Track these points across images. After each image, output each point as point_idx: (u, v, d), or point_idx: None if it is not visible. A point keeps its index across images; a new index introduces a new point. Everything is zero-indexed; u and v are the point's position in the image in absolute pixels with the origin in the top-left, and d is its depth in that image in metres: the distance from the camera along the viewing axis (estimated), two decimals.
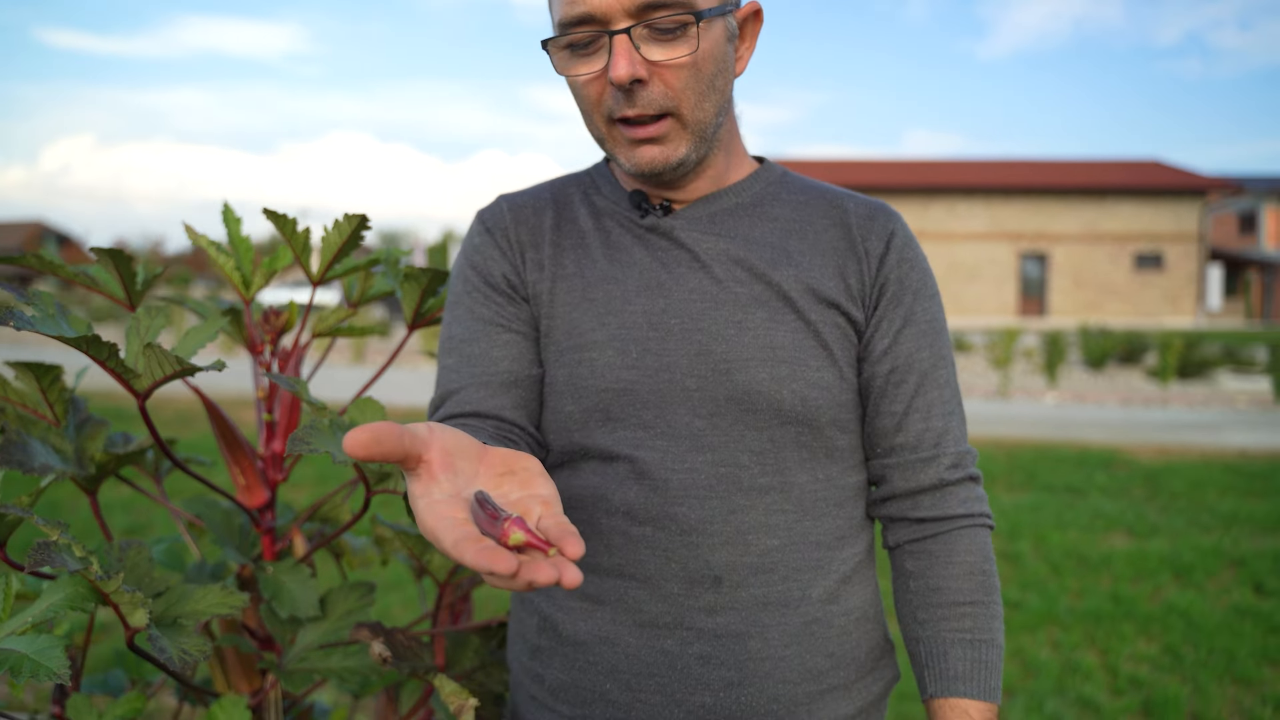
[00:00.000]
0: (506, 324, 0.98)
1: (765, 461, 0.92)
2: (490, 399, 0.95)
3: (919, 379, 0.97)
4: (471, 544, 0.53)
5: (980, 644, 0.93)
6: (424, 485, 0.60)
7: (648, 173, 0.92)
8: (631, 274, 0.96)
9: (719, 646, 0.91)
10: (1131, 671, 3.29)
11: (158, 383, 0.90)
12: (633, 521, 0.92)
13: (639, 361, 0.93)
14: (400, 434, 0.58)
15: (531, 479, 0.65)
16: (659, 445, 0.92)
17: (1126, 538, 5.02)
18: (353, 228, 1.05)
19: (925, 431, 0.96)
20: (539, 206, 1.03)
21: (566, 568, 0.53)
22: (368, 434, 0.56)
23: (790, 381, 0.92)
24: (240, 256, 1.17)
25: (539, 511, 0.61)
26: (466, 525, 0.56)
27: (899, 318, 0.97)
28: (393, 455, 0.58)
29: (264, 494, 1.17)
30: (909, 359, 0.97)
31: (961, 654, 0.92)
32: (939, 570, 0.95)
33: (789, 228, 0.98)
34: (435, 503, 0.59)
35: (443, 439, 0.62)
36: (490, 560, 0.51)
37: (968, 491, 0.97)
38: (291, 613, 1.11)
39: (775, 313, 0.93)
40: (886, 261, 0.97)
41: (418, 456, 0.60)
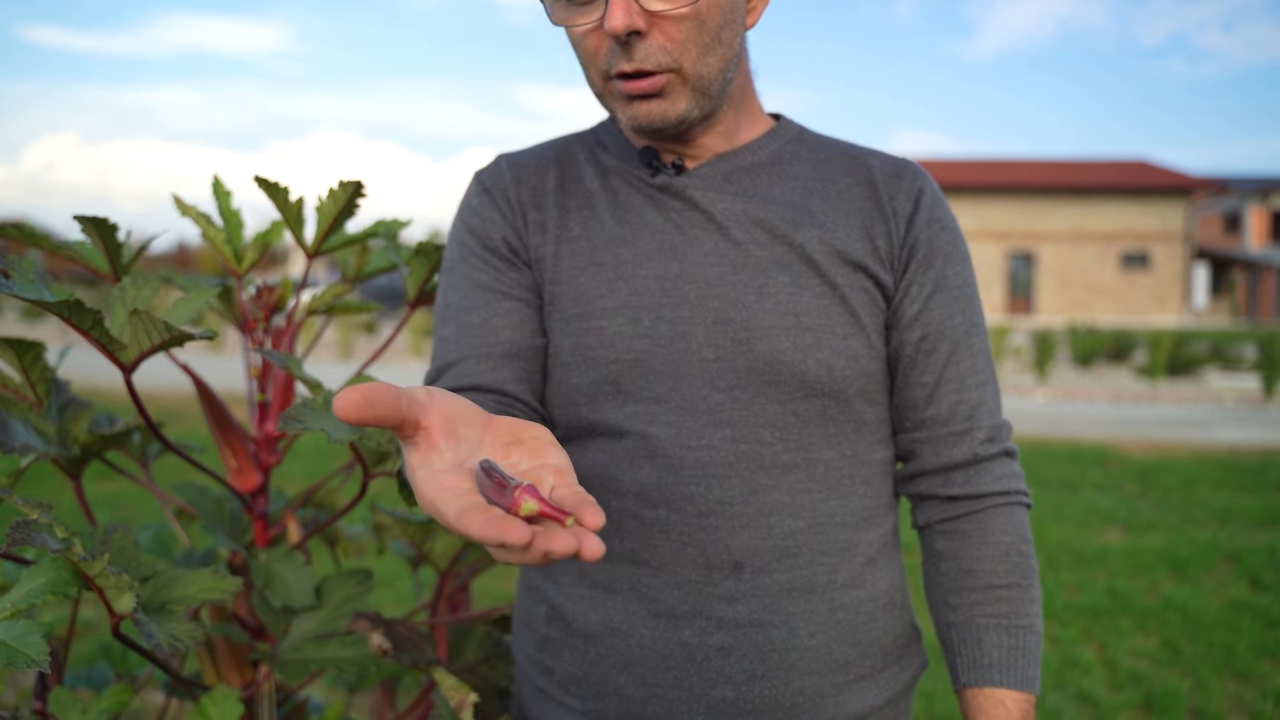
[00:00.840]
0: (507, 291, 0.91)
1: (789, 437, 0.87)
2: (491, 371, 0.89)
3: (951, 347, 0.91)
4: (478, 514, 0.48)
5: (1017, 629, 0.88)
6: (423, 454, 0.55)
7: (646, 129, 0.85)
8: (643, 236, 0.90)
9: (740, 637, 0.85)
10: (1131, 666, 3.26)
11: (145, 354, 0.85)
12: (645, 504, 0.86)
13: (651, 330, 0.87)
14: (396, 396, 0.52)
15: (542, 448, 0.59)
16: (673, 421, 0.86)
17: (1121, 533, 5.00)
18: (348, 195, 1.00)
19: (958, 404, 0.91)
20: (541, 165, 0.96)
21: (587, 537, 0.48)
22: (360, 395, 0.50)
23: (816, 350, 0.86)
24: (231, 230, 1.12)
25: (552, 481, 0.56)
26: (472, 495, 0.51)
27: (929, 282, 0.91)
28: (387, 419, 0.52)
29: (256, 478, 1.12)
30: (940, 326, 0.91)
31: (997, 640, 0.87)
32: (972, 551, 0.90)
33: (810, 186, 0.92)
34: (436, 473, 0.53)
35: (444, 404, 0.57)
36: (500, 530, 0.46)
37: (1003, 467, 0.91)
38: (285, 601, 1.06)
39: (798, 276, 0.87)
40: (916, 221, 0.91)
41: (415, 422, 0.54)
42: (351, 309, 1.19)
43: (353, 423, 0.51)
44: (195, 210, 1.11)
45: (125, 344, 0.85)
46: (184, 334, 0.81)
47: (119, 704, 1.03)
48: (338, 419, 0.51)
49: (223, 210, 1.13)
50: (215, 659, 1.14)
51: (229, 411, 1.11)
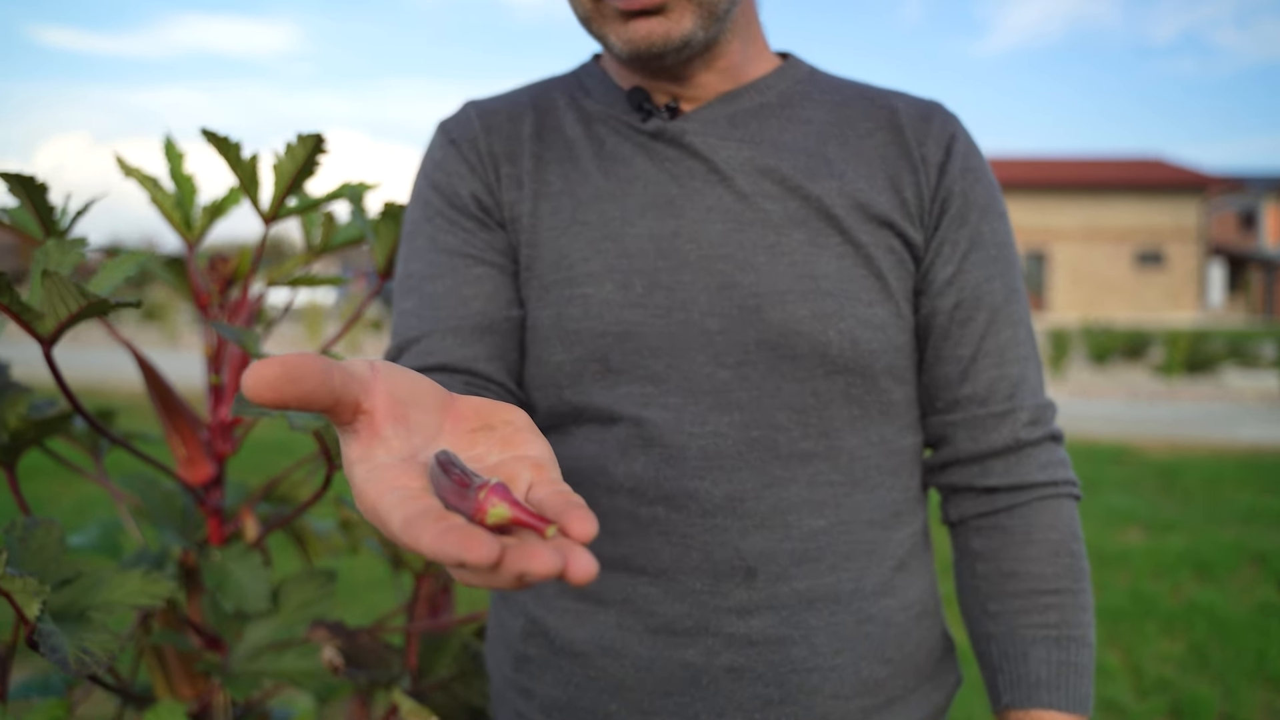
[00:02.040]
0: (477, 255, 0.79)
1: (808, 421, 0.75)
2: (459, 348, 0.76)
3: (990, 315, 0.79)
4: (430, 522, 0.37)
5: (1067, 642, 0.76)
6: (364, 445, 0.43)
7: (644, 53, 0.73)
8: (633, 190, 0.77)
9: (754, 656, 0.74)
10: (1157, 672, 3.13)
11: (64, 324, 0.74)
12: (640, 501, 0.75)
13: (645, 298, 0.75)
14: (326, 370, 0.40)
15: (516, 436, 0.47)
16: (672, 403, 0.75)
17: (1143, 533, 4.87)
18: (307, 151, 0.89)
19: (998, 380, 0.78)
20: (515, 113, 0.83)
21: (574, 553, 0.37)
22: (277, 368, 0.39)
23: (837, 319, 0.74)
24: (183, 194, 1.01)
25: (528, 478, 0.44)
26: (423, 497, 0.40)
27: (964, 240, 0.78)
28: (315, 399, 0.40)
29: (209, 469, 1.01)
30: (977, 291, 0.78)
31: (1044, 654, 0.76)
32: (1015, 551, 0.78)
33: (825, 131, 0.79)
34: (379, 468, 0.42)
35: (391, 381, 0.45)
36: (459, 544, 0.35)
37: (1049, 454, 0.79)
38: (238, 606, 0.95)
39: (816, 234, 0.75)
40: (948, 171, 0.78)
41: (353, 404, 0.43)
42: (316, 281, 1.08)
43: (268, 404, 0.39)
44: (140, 172, 1.00)
45: (42, 313, 0.74)
46: (101, 300, 0.70)
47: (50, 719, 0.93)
48: (249, 399, 0.39)
49: (174, 174, 1.02)
50: (166, 669, 1.04)
51: (177, 395, 1.00)
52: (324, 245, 1.08)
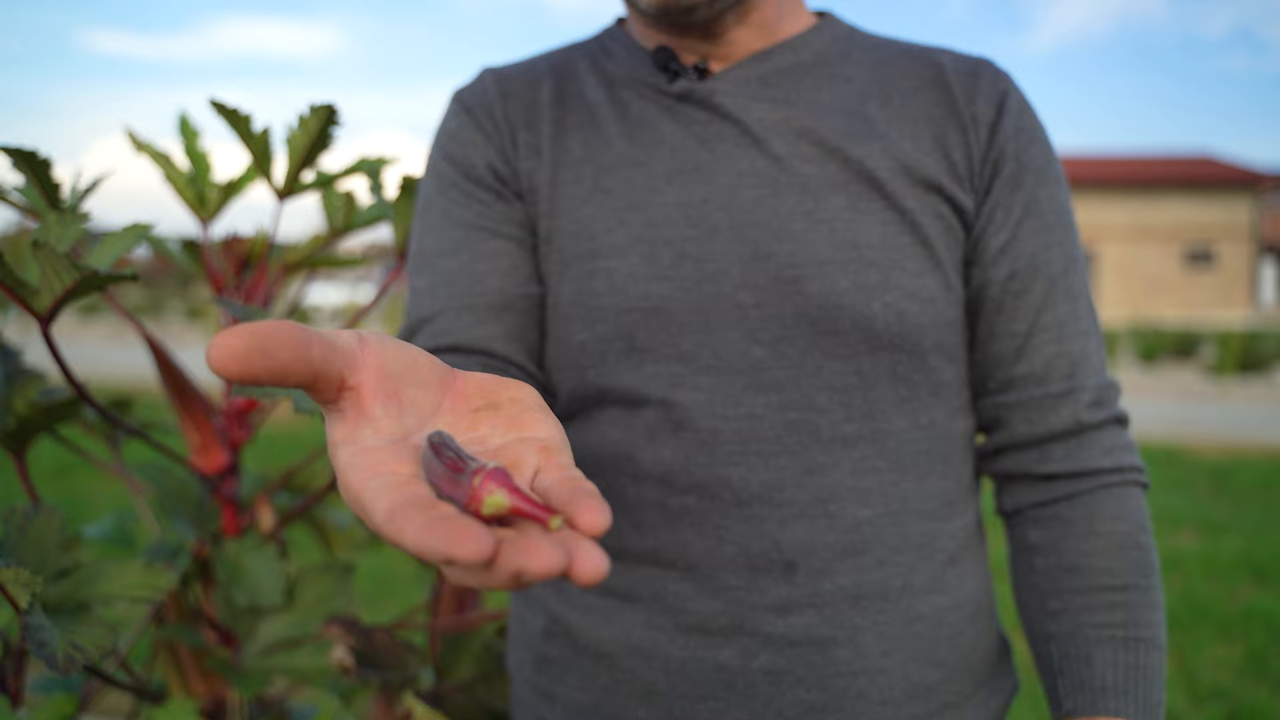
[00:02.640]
0: (493, 228, 0.74)
1: (851, 402, 0.69)
2: (475, 328, 0.72)
3: (1047, 287, 0.72)
4: (416, 513, 0.32)
5: (1136, 643, 0.69)
6: (350, 426, 0.38)
7: (673, 7, 0.68)
8: (659, 155, 0.72)
9: (795, 658, 0.68)
10: (1213, 680, 3.02)
11: (59, 299, 0.70)
12: (670, 490, 0.69)
13: (673, 269, 0.70)
14: (304, 341, 0.36)
15: (524, 416, 0.42)
16: (703, 384, 0.69)
17: (1195, 536, 4.72)
18: (320, 123, 0.85)
19: (1056, 357, 0.72)
20: (533, 78, 0.78)
21: (581, 549, 0.32)
22: (245, 338, 0.34)
23: (883, 291, 0.68)
24: (197, 170, 0.97)
25: (535, 463, 0.39)
26: (412, 485, 0.35)
27: (1019, 205, 0.72)
28: (291, 374, 0.35)
29: (223, 457, 0.97)
30: (1033, 260, 0.72)
31: (1110, 657, 0.69)
32: (1077, 543, 0.71)
33: (867, 91, 0.74)
34: (365, 452, 0.37)
35: (382, 355, 0.40)
36: (447, 538, 0.30)
37: (1113, 437, 0.73)
38: (251, 599, 0.91)
39: (857, 199, 0.70)
40: (1001, 130, 0.72)
41: (338, 379, 0.38)
42: (335, 263, 1.04)
43: (235, 379, 0.34)
44: (152, 148, 0.96)
45: (37, 289, 0.70)
46: (94, 274, 0.66)
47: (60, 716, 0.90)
48: (214, 374, 0.34)
49: (189, 151, 0.99)
50: (180, 665, 1.00)
51: (190, 379, 0.96)
52: (345, 225, 1.04)
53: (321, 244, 1.01)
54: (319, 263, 1.02)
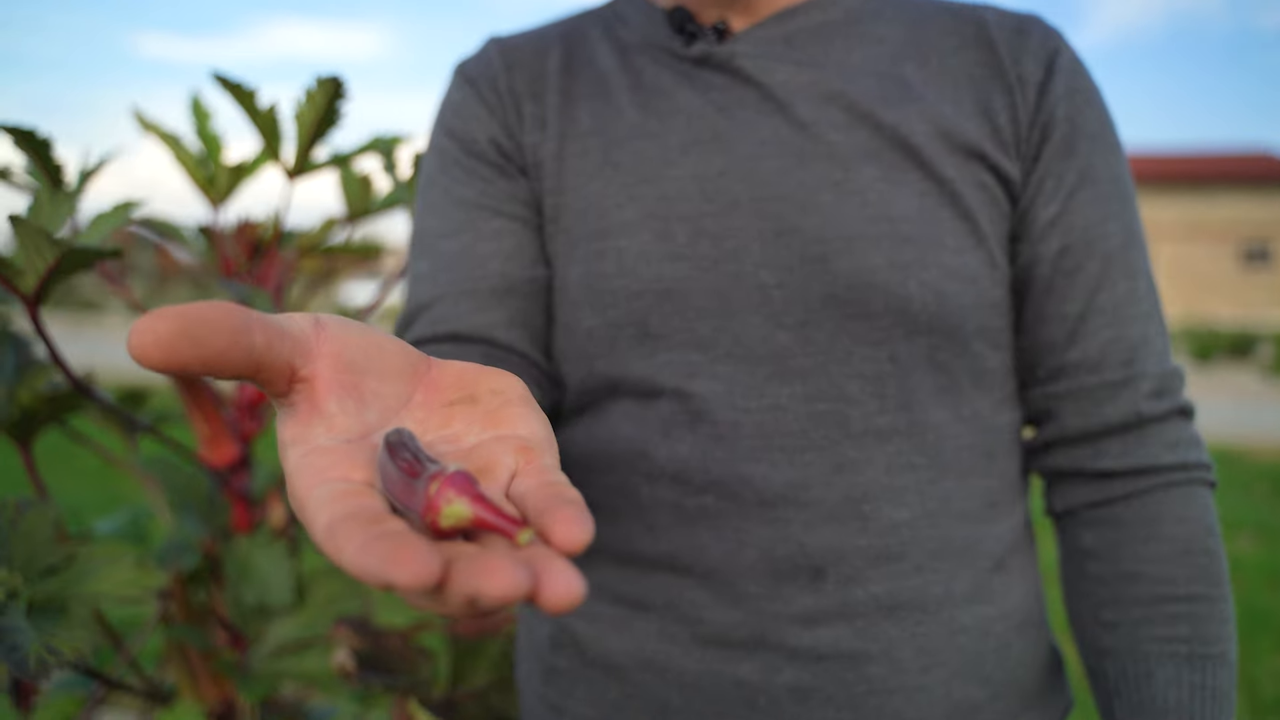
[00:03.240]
0: (496, 207, 0.68)
1: (885, 392, 0.63)
2: (475, 314, 0.66)
3: (1103, 265, 0.65)
4: (357, 528, 0.28)
5: (1202, 660, 0.62)
6: (301, 423, 0.34)
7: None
8: (674, 125, 0.66)
9: (822, 673, 0.62)
10: (1274, 691, 2.91)
11: (45, 278, 0.66)
12: (686, 489, 0.64)
13: (689, 248, 0.64)
14: (243, 324, 0.31)
15: (503, 410, 0.37)
16: (722, 373, 0.63)
17: (1254, 541, 4.57)
18: (327, 97, 0.80)
19: (1113, 342, 0.65)
20: (541, 47, 0.72)
21: (551, 569, 0.28)
22: (171, 321, 0.30)
23: (919, 269, 0.62)
24: (210, 153, 0.93)
25: (512, 465, 0.34)
26: (360, 495, 0.30)
27: (1072, 173, 0.65)
28: (226, 363, 0.31)
29: (233, 449, 0.93)
30: (1088, 234, 0.65)
31: (1173, 675, 0.62)
32: (1136, 548, 0.64)
33: (902, 51, 0.67)
34: (315, 453, 0.33)
35: (341, 342, 0.35)
36: (386, 559, 0.26)
37: (1177, 431, 0.66)
38: (260, 598, 0.87)
39: (891, 169, 0.63)
40: (1050, 91, 0.65)
41: (287, 370, 0.33)
42: (350, 250, 1.00)
43: (159, 368, 0.30)
44: (160, 129, 0.92)
45: (21, 269, 0.66)
46: (77, 249, 0.62)
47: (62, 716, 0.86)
48: (136, 360, 0.30)
49: (201, 132, 0.95)
50: (191, 666, 0.96)
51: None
52: (361, 209, 0.99)
53: (335, 227, 0.96)
54: (334, 249, 0.97)
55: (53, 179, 0.85)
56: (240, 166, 0.92)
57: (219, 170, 0.92)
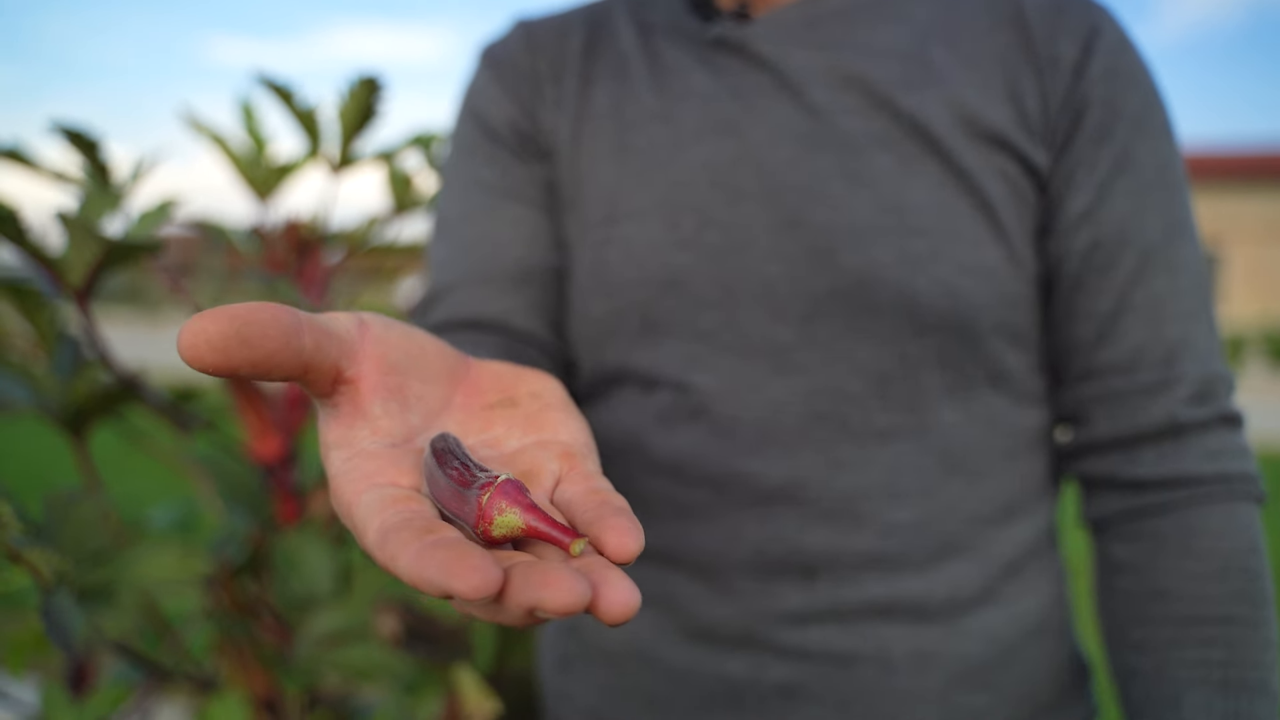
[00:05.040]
0: (516, 191, 0.67)
1: (889, 391, 0.61)
2: (493, 300, 0.66)
3: (1139, 260, 0.61)
4: (411, 536, 0.28)
5: (1238, 688, 0.58)
6: (345, 426, 0.34)
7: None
8: (688, 109, 0.64)
9: (811, 673, 0.60)
10: None
11: (92, 272, 0.68)
12: (682, 481, 0.63)
13: (696, 237, 0.62)
14: (293, 326, 0.31)
15: (544, 415, 0.38)
16: (723, 366, 0.62)
17: None
18: (366, 94, 0.82)
19: (1149, 342, 0.61)
20: (565, 28, 0.71)
21: (609, 579, 0.28)
22: (224, 323, 0.30)
23: (931, 263, 0.59)
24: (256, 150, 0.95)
25: (555, 470, 0.35)
26: (411, 501, 0.31)
27: (1107, 160, 0.61)
28: (277, 365, 0.31)
29: (280, 444, 0.95)
30: (1122, 226, 0.61)
31: (1204, 702, 0.58)
32: (1169, 563, 0.60)
33: (930, 31, 0.63)
34: (360, 457, 0.33)
35: (385, 344, 0.36)
36: (445, 569, 0.26)
37: (1220, 440, 0.61)
38: (304, 588, 0.88)
39: (908, 158, 0.60)
40: (1087, 72, 0.61)
41: (333, 371, 0.33)
42: (395, 251, 1.01)
43: (211, 370, 0.30)
44: (210, 130, 0.94)
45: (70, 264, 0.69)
46: (121, 244, 0.64)
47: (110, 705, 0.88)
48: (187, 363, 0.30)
49: (250, 131, 0.97)
50: (241, 655, 0.98)
51: None
52: (405, 205, 1.01)
53: (380, 223, 0.98)
54: (380, 249, 0.99)
55: (102, 179, 0.87)
56: (286, 165, 0.94)
57: (265, 168, 0.94)
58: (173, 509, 1.10)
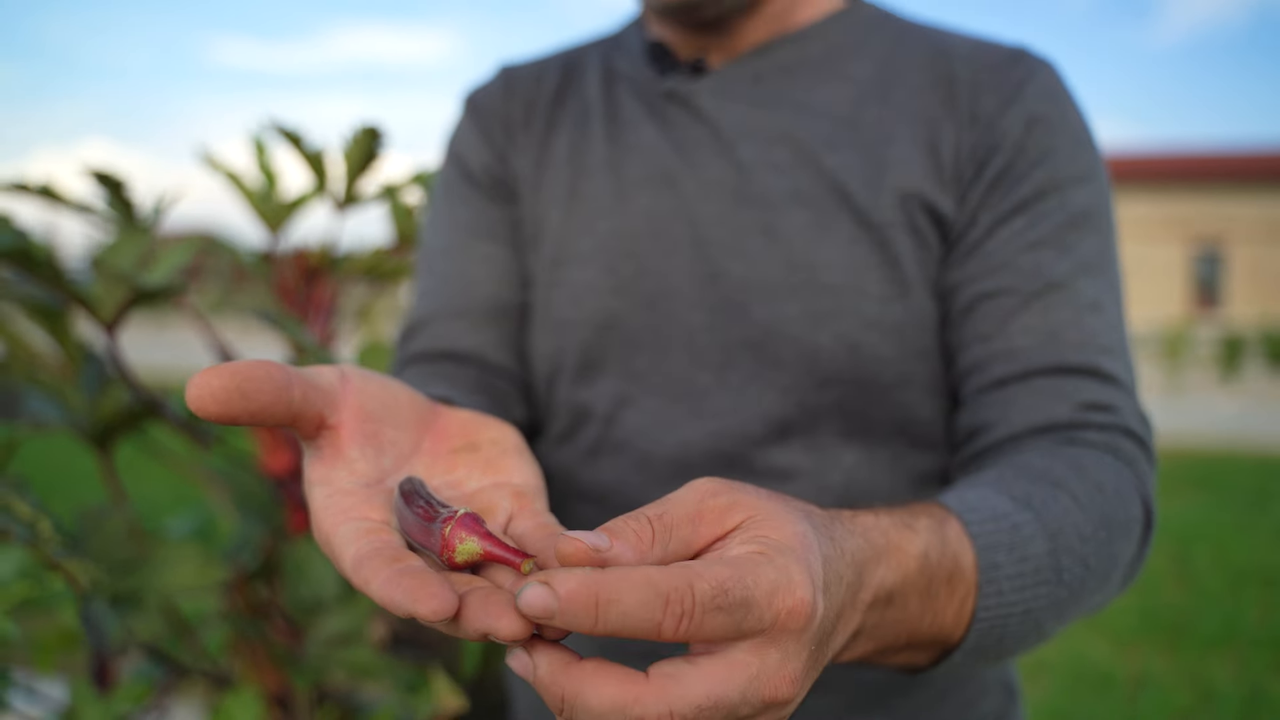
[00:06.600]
0: (488, 231, 0.72)
1: (790, 435, 0.64)
2: (467, 334, 0.70)
3: (1038, 290, 0.60)
4: (382, 564, 0.33)
5: (1042, 536, 0.51)
6: (326, 465, 0.40)
7: (681, 5, 0.63)
8: (635, 159, 0.68)
9: None
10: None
11: (121, 309, 0.75)
12: (604, 510, 0.67)
13: (632, 284, 0.66)
14: (285, 382, 0.37)
15: (501, 460, 0.43)
16: (648, 406, 0.66)
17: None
18: (368, 141, 0.89)
19: (1043, 345, 0.60)
20: (541, 74, 0.75)
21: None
22: (227, 377, 0.35)
23: (833, 320, 0.62)
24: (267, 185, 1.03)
25: (508, 509, 0.40)
26: (381, 533, 0.36)
27: (1011, 199, 0.62)
28: (268, 414, 0.36)
29: (291, 459, 1.02)
30: (1012, 262, 0.61)
31: (1004, 505, 0.51)
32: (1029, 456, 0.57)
33: (868, 90, 0.66)
34: (339, 494, 0.38)
35: (362, 393, 0.41)
36: (411, 593, 0.32)
37: (1121, 443, 0.59)
38: (311, 592, 0.95)
39: (823, 214, 0.63)
40: (1002, 120, 0.63)
41: (317, 418, 0.39)
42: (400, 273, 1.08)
43: (214, 419, 0.35)
44: (224, 167, 1.02)
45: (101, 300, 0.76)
46: (147, 288, 0.71)
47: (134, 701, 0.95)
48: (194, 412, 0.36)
49: (261, 166, 1.04)
50: (253, 653, 1.05)
51: None
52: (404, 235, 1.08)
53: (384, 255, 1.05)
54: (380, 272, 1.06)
55: (125, 217, 0.94)
56: (294, 201, 1.01)
57: (276, 203, 1.01)
58: (189, 518, 1.17)
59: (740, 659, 0.33)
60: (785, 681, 0.34)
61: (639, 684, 0.32)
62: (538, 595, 0.30)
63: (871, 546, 0.42)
